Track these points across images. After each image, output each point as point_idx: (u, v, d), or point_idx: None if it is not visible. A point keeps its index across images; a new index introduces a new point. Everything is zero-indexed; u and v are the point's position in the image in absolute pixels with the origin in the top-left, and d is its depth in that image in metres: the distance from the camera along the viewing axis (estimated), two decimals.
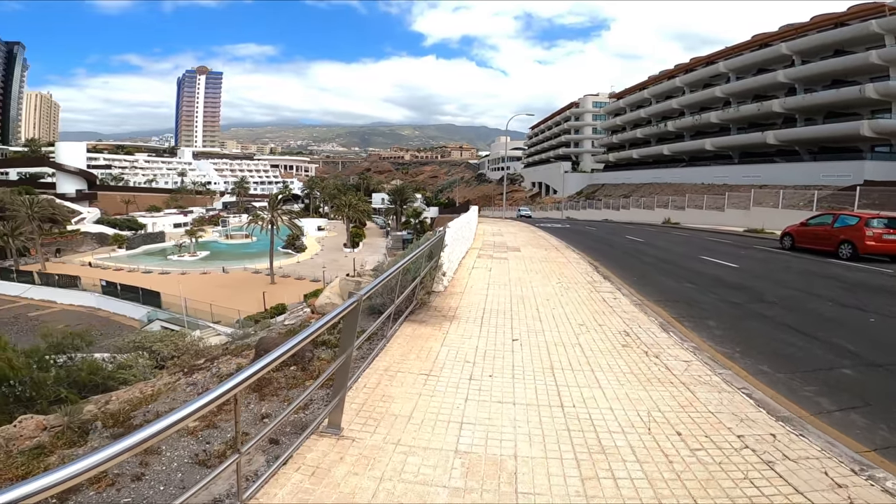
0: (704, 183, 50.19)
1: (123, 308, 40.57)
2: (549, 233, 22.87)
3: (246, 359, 4.71)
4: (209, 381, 4.27)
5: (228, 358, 4.89)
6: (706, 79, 54.74)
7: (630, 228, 29.97)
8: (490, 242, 16.16)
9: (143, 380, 6.95)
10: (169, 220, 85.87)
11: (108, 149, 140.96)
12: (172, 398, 3.93)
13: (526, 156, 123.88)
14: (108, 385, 6.34)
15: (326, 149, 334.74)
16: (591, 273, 10.72)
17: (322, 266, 57.11)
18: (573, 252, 14.55)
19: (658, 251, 16.37)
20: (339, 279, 7.60)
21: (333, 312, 2.63)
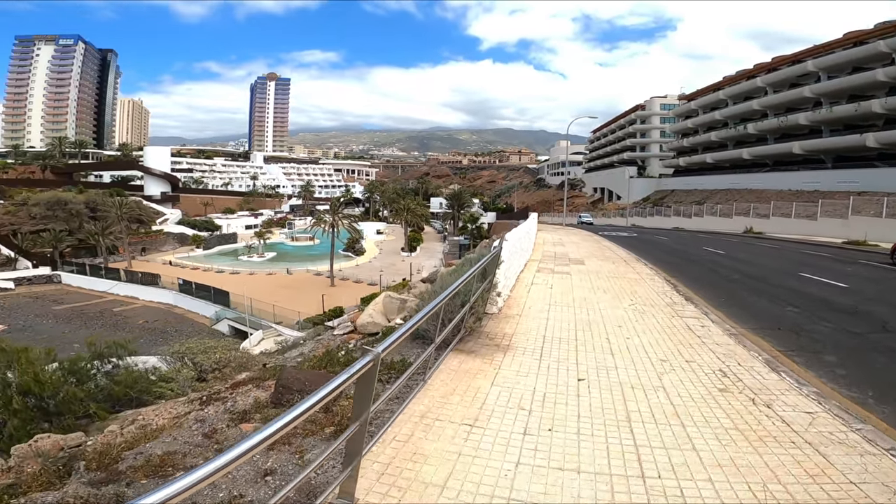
0: (791, 189, 45.69)
1: (196, 306, 42.58)
2: (614, 242, 21.27)
3: (266, 391, 4.17)
4: (220, 417, 3.75)
5: (248, 389, 4.37)
6: (792, 78, 50.18)
7: (706, 238, 27.48)
8: (550, 253, 14.97)
9: (181, 394, 6.65)
10: (241, 222, 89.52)
11: (190, 153, 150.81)
12: (174, 437, 3.42)
13: (587, 160, 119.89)
14: (143, 399, 6.08)
15: (387, 153, 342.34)
16: (669, 293, 9.36)
17: (379, 270, 57.67)
18: (645, 266, 13.15)
19: (745, 266, 14.49)
20: (384, 295, 7.00)
21: (343, 376, 1.93)
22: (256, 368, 7.77)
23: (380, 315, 6.43)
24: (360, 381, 2.09)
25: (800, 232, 31.18)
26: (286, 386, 3.73)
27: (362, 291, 44.71)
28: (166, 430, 3.61)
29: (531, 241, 14.80)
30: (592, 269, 11.92)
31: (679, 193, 66.69)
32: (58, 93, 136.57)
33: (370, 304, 7.11)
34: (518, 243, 9.15)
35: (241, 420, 3.63)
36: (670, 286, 10.07)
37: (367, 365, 2.05)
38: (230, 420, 3.61)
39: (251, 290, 44.80)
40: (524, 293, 8.54)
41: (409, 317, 5.40)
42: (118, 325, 39.65)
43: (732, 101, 60.75)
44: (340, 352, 5.58)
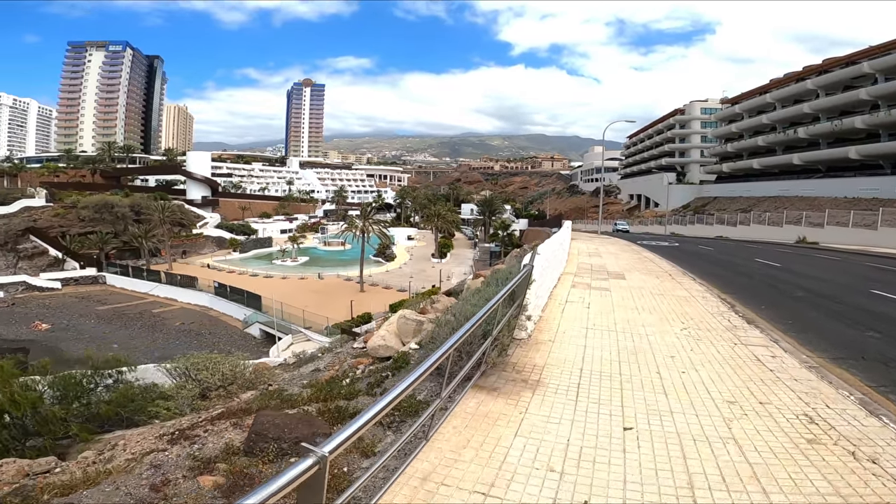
0: (847, 197, 42.70)
1: (230, 309, 43.10)
2: (655, 253, 19.80)
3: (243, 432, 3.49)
4: (180, 463, 3.11)
5: (226, 427, 3.71)
6: (846, 80, 47.21)
7: (756, 249, 25.48)
8: (586, 265, 13.85)
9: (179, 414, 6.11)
10: (277, 227, 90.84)
11: (229, 158, 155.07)
12: (117, 485, 2.76)
13: (623, 166, 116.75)
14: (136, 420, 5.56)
15: (419, 159, 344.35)
16: (726, 313, 8.16)
17: (409, 276, 57.34)
18: (693, 281, 11.85)
19: (807, 281, 13.00)
20: (399, 315, 6.27)
21: (267, 490, 1.15)
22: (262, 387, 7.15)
23: (393, 337, 5.71)
24: (301, 491, 1.33)
25: (858, 242, 28.77)
26: (261, 433, 3.07)
27: (391, 297, 44.51)
28: (113, 475, 2.97)
29: (565, 252, 13.70)
30: (634, 285, 10.73)
31: (722, 200, 63.65)
32: (108, 98, 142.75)
33: (384, 324, 6.40)
34: (552, 256, 8.30)
35: (204, 469, 2.96)
36: (726, 306, 8.84)
37: (308, 472, 1.29)
38: (190, 469, 2.96)
39: (283, 294, 45.06)
40: (558, 313, 7.62)
41: (425, 342, 4.64)
42: (155, 327, 40.65)
43: (781, 105, 57.66)
44: (345, 379, 4.88)
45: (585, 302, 8.54)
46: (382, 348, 5.51)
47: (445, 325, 4.37)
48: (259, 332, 37.98)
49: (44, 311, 43.47)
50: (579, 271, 12.39)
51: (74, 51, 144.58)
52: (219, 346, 36.49)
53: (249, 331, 38.97)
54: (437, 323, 4.65)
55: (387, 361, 5.23)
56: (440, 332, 4.30)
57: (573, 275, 11.64)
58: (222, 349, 36.84)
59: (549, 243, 8.88)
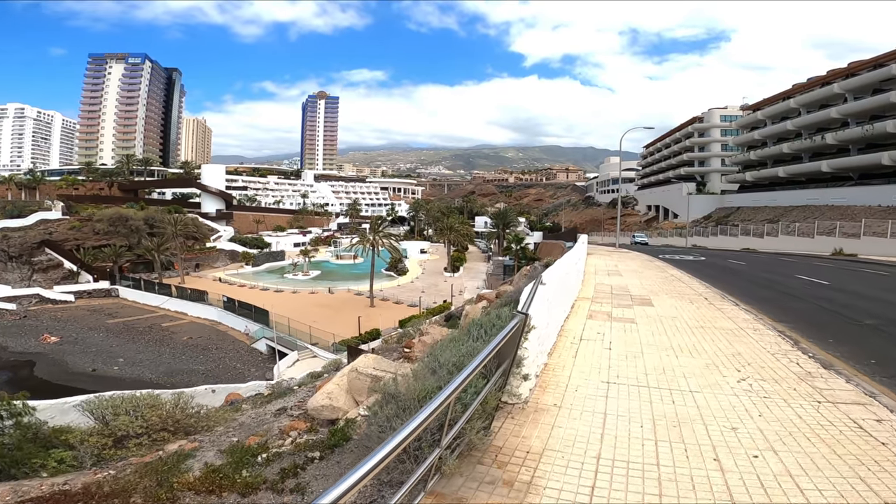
0: (882, 205, 40.30)
1: (238, 323, 42.55)
2: (682, 270, 18.03)
3: None
4: None
5: None
6: (875, 84, 44.95)
7: (792, 263, 23.56)
8: (605, 287, 12.07)
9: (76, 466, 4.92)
10: (290, 240, 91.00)
11: (245, 171, 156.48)
12: None
13: (640, 177, 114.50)
14: (13, 474, 4.40)
15: (433, 171, 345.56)
16: (790, 352, 6.40)
17: (421, 290, 56.31)
18: (736, 307, 9.88)
19: (870, 304, 11.05)
20: (350, 369, 4.82)
21: None
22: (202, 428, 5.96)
23: (343, 394, 4.39)
24: None
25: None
26: None
27: (402, 313, 43.42)
28: None
29: (580, 273, 12.13)
30: (666, 313, 8.88)
31: (746, 211, 61.27)
32: (127, 111, 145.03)
33: (334, 378, 5.02)
34: (560, 285, 6.85)
35: None
36: (787, 341, 7.06)
37: None
38: None
39: (292, 308, 44.58)
40: (569, 357, 5.97)
41: (379, 405, 3.29)
42: (163, 341, 40.29)
43: (806, 110, 55.39)
44: (263, 453, 3.56)
45: (605, 340, 6.85)
46: (327, 409, 4.16)
47: (388, 406, 2.98)
48: (266, 348, 37.33)
49: (54, 323, 43.40)
50: (597, 295, 10.70)
51: (95, 63, 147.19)
52: (224, 361, 36.00)
53: (256, 346, 38.37)
54: (381, 395, 3.23)
55: (333, 425, 3.93)
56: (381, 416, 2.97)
57: (590, 300, 9.92)
58: (228, 365, 35.96)
59: (557, 268, 7.12)
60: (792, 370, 5.70)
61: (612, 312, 8.89)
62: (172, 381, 29.33)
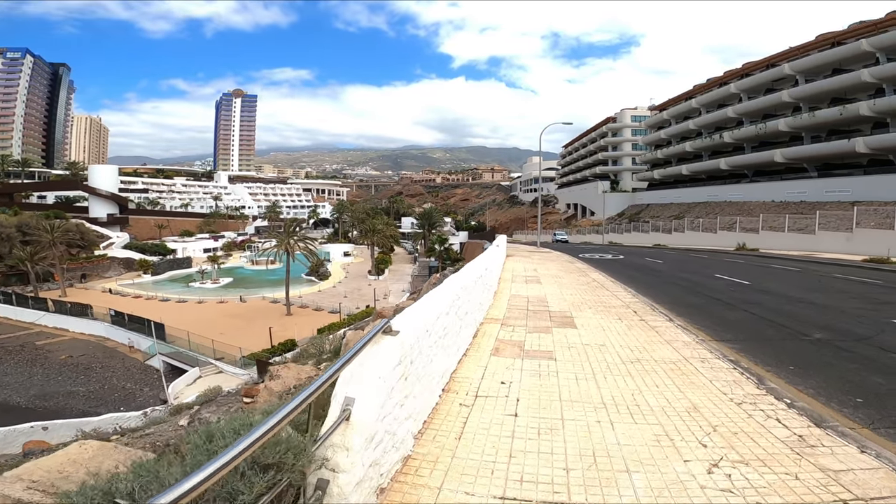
0: (774, 200, 43.38)
1: (137, 341, 38.40)
2: (602, 271, 17.02)
3: None
4: None
5: None
6: (768, 83, 48.20)
7: (705, 260, 23.56)
8: (520, 300, 10.23)
9: None
10: (200, 245, 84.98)
11: (148, 173, 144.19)
12: None
13: (559, 176, 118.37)
14: None
15: (360, 172, 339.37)
16: (761, 400, 4.73)
17: (343, 295, 53.98)
18: (671, 322, 8.32)
19: (804, 309, 9.83)
20: (78, 443, 2.80)
21: None
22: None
23: None
24: None
25: (797, 247, 28.28)
26: None
27: (321, 320, 40.88)
28: None
29: (492, 283, 10.19)
30: (592, 339, 7.00)
31: (655, 208, 64.41)
32: (3, 108, 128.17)
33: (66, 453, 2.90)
34: (447, 319, 5.02)
35: None
36: (750, 378, 5.35)
37: None
38: None
39: (196, 320, 41.11)
40: (450, 438, 3.85)
41: None
42: (36, 361, 35.64)
43: (706, 110, 58.84)
44: None
45: (511, 395, 4.81)
46: None
47: None
48: (163, 365, 34.01)
49: None
50: (509, 314, 8.78)
51: None
52: (111, 381, 31.97)
53: (152, 363, 34.90)
54: None
55: None
56: None
57: (500, 323, 8.01)
58: (115, 385, 31.91)
59: (449, 286, 5.27)
60: (777, 435, 3.95)
61: (525, 342, 6.88)
62: (46, 406, 26.63)
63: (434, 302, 4.73)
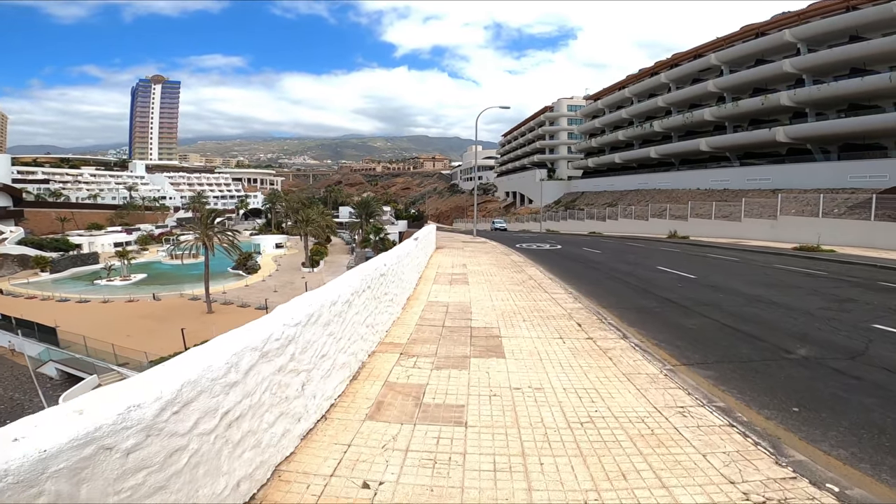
0: (700, 188, 44.58)
1: (20, 343, 34.64)
2: (539, 264, 15.55)
3: None
4: None
5: None
6: (695, 73, 49.42)
7: (641, 249, 22.78)
8: (438, 310, 8.30)
9: None
10: (111, 239, 78.14)
11: (50, 162, 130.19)
12: None
13: (499, 164, 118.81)
14: None
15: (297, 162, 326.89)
16: (793, 486, 3.04)
17: (273, 289, 50.72)
18: (623, 338, 6.61)
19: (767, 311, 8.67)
20: None
21: None
22: None
23: None
24: None
25: (723, 235, 28.70)
26: None
27: (246, 318, 36.78)
28: None
29: (398, 292, 7.94)
30: (526, 377, 5.07)
31: (589, 195, 65.29)
32: None
33: None
34: (277, 376, 3.18)
35: None
36: (761, 446, 3.59)
37: None
38: None
39: (99, 322, 37.54)
40: None
41: None
42: None
43: (637, 99, 59.81)
44: None
45: None
46: None
47: None
48: (56, 373, 31.40)
49: None
50: (417, 335, 6.69)
51: None
52: None
53: (44, 370, 31.90)
54: None
55: None
56: None
57: (399, 351, 5.92)
58: (2, 395, 28.36)
59: (265, 327, 3.19)
60: None
61: (426, 388, 4.77)
62: None
63: (248, 338, 2.79)
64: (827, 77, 35.77)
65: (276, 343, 3.22)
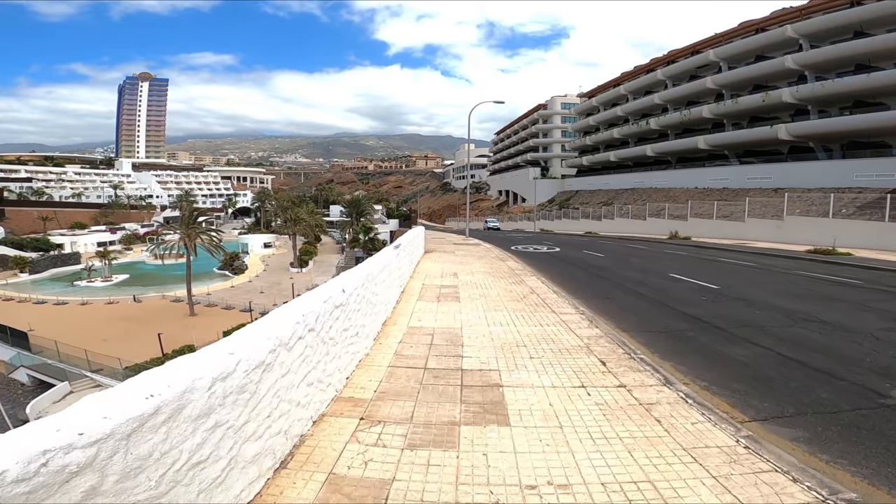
0: (698, 187, 43.54)
1: None
2: (542, 274, 13.62)
3: None
4: None
5: None
6: (692, 70, 48.42)
7: (645, 251, 21.26)
8: (421, 341, 6.56)
9: None
10: (94, 239, 76.47)
11: (33, 160, 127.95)
12: None
13: (492, 162, 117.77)
14: None
15: (289, 160, 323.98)
16: None
17: (260, 290, 49.26)
18: (664, 383, 4.97)
19: (829, 335, 7.00)
20: None
21: None
22: None
23: None
24: None
25: (725, 235, 27.60)
26: None
27: (230, 321, 36.32)
28: None
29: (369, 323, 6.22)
30: (542, 465, 3.35)
31: (584, 194, 64.25)
32: None
33: None
34: None
35: None
36: None
37: None
38: None
39: (76, 325, 36.23)
40: None
41: None
42: None
43: (633, 96, 58.81)
44: None
45: None
46: None
47: None
48: (28, 379, 30.26)
49: None
50: (389, 384, 4.95)
51: None
52: None
53: (16, 376, 30.91)
54: None
55: None
56: None
57: (360, 415, 4.15)
58: None
59: None
60: None
61: (391, 485, 3.09)
62: None
63: None
64: (830, 74, 34.85)
65: None
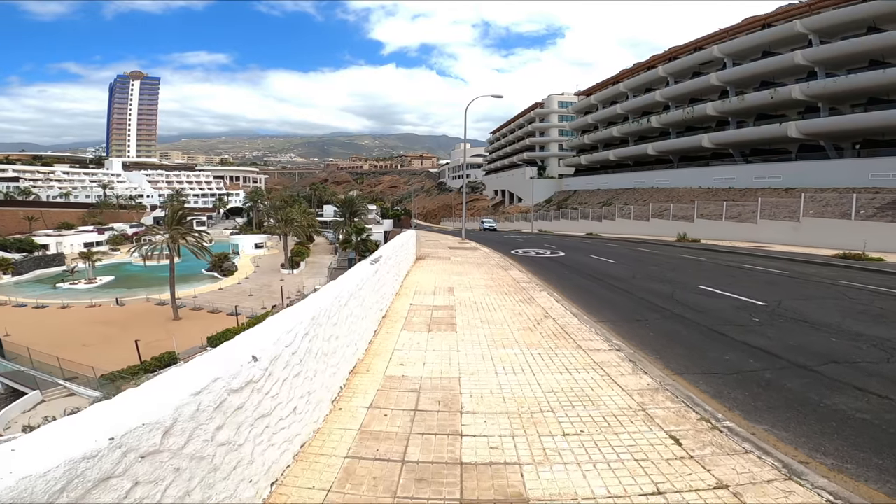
0: (702, 187, 42.13)
1: None
2: (552, 288, 11.39)
3: None
4: None
5: None
6: (695, 66, 46.97)
7: (659, 257, 19.08)
8: (402, 402, 4.44)
9: None
10: (81, 239, 74.64)
11: (22, 159, 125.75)
12: None
13: (487, 162, 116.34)
14: None
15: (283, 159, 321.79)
16: None
17: (249, 293, 47.64)
18: (787, 477, 3.15)
19: None
20: None
21: None
22: None
23: None
24: None
25: (736, 237, 26.16)
26: None
27: (216, 325, 34.90)
28: None
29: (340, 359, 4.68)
30: None
31: (582, 194, 62.80)
32: None
33: None
34: None
35: None
36: None
37: None
38: None
39: (54, 330, 34.86)
40: None
41: None
42: None
43: (633, 94, 57.34)
44: None
45: None
46: None
47: None
48: (1, 387, 29.03)
49: None
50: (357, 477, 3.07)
51: None
52: None
53: None
54: None
55: None
56: None
57: None
58: None
59: None
60: None
61: None
62: None
63: None
64: (841, 70, 33.50)
65: None
